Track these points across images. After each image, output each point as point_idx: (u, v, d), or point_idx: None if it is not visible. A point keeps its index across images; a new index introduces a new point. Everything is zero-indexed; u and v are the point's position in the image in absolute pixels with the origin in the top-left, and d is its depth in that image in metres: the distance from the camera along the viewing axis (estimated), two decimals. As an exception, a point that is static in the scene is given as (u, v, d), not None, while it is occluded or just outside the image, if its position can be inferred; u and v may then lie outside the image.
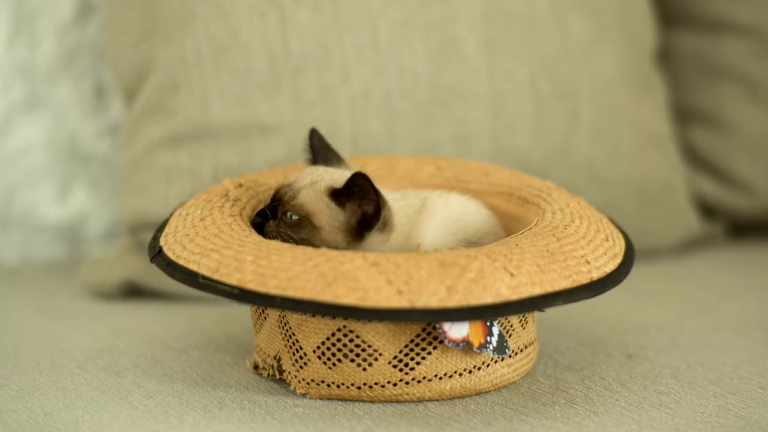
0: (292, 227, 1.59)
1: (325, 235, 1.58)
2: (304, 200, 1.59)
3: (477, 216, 1.65)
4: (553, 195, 1.70)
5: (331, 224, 1.59)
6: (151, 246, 1.61)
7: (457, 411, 1.49)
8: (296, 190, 1.61)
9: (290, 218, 1.59)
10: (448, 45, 2.16)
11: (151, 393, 1.56)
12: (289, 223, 1.59)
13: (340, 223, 1.59)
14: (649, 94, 2.35)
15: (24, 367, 1.68)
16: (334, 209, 1.59)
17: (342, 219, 1.59)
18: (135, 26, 2.12)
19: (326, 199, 1.59)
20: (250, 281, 1.44)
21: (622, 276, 1.55)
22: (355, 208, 1.58)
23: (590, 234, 1.58)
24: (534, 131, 2.21)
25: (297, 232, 1.58)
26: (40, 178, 2.38)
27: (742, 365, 1.66)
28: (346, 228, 1.59)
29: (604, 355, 1.70)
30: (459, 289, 1.41)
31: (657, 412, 1.49)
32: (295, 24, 2.09)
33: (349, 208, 1.59)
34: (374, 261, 1.43)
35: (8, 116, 2.35)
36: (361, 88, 2.12)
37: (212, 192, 1.69)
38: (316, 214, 1.59)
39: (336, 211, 1.59)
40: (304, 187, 1.61)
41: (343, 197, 1.58)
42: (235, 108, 2.08)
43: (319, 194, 1.59)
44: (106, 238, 2.44)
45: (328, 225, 1.59)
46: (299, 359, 1.53)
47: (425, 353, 1.49)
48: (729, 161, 2.46)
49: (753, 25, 2.43)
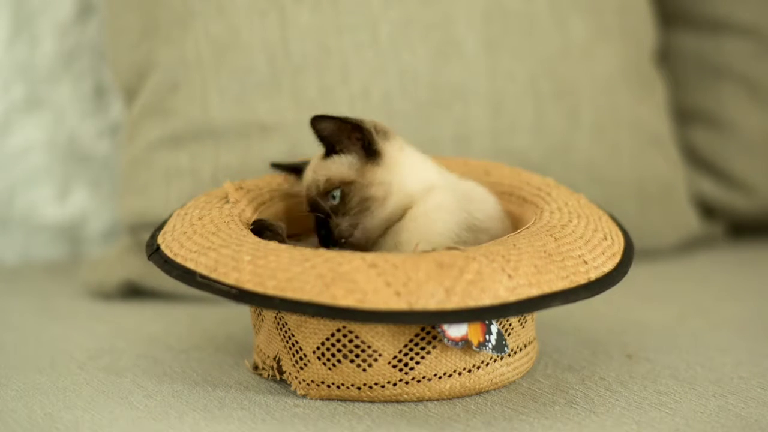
0: (344, 202, 1.61)
1: (364, 179, 1.62)
2: (325, 175, 1.63)
3: (484, 198, 1.68)
4: (552, 193, 1.70)
5: (356, 168, 1.62)
6: (149, 243, 1.61)
7: (457, 411, 1.49)
8: (314, 183, 1.64)
9: (334, 199, 1.62)
10: (448, 45, 2.16)
11: (151, 393, 1.56)
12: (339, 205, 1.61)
13: (357, 162, 1.63)
14: (649, 94, 2.35)
15: (24, 367, 1.68)
16: (341, 159, 1.63)
17: (354, 159, 1.63)
18: (135, 26, 2.12)
19: (330, 161, 1.63)
20: (248, 281, 1.44)
21: (620, 276, 1.55)
22: (348, 144, 1.63)
23: (588, 233, 1.58)
24: (534, 131, 2.21)
25: (351, 201, 1.61)
26: (40, 178, 2.38)
27: (742, 365, 1.66)
28: (364, 161, 1.63)
29: (604, 355, 1.70)
30: (457, 291, 1.41)
31: (657, 412, 1.49)
32: (295, 24, 2.09)
33: (345, 148, 1.63)
34: (372, 262, 1.43)
35: (8, 116, 2.35)
36: (361, 88, 2.12)
37: (212, 195, 1.69)
38: (340, 174, 1.62)
39: (345, 158, 1.63)
40: (313, 176, 1.65)
41: (332, 148, 1.63)
42: (235, 108, 2.09)
43: (323, 164, 1.64)
44: (106, 238, 2.44)
45: (354, 171, 1.62)
46: (299, 360, 1.53)
47: (425, 353, 1.49)
48: (729, 161, 2.46)
49: (753, 25, 2.43)
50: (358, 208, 1.61)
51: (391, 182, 1.62)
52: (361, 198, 1.61)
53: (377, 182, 1.62)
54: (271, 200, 1.74)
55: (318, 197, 1.63)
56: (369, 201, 1.61)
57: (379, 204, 1.62)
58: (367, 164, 1.62)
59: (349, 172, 1.62)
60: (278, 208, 1.74)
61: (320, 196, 1.63)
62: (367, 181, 1.62)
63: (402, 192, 1.63)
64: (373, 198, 1.61)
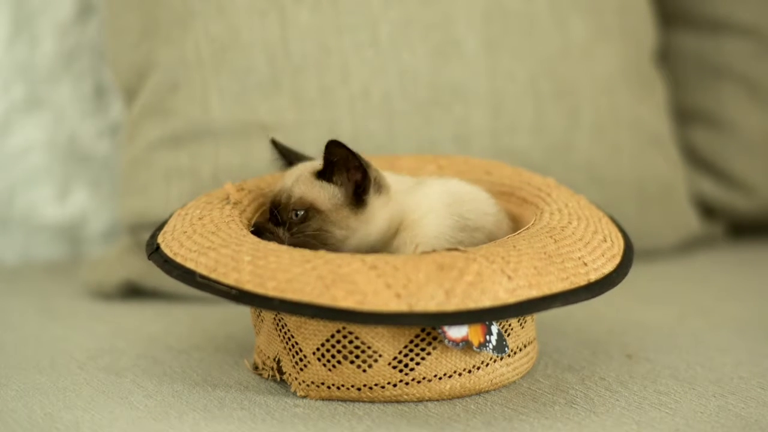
0: (302, 223, 1.59)
1: (333, 216, 1.59)
2: (302, 192, 1.61)
3: (474, 196, 1.67)
4: (552, 194, 1.70)
5: (333, 203, 1.60)
6: (149, 243, 1.61)
7: (457, 411, 1.49)
8: (288, 190, 1.62)
9: (296, 215, 1.60)
10: (448, 45, 2.16)
11: (151, 393, 1.56)
12: (297, 222, 1.60)
13: (339, 199, 1.60)
14: (649, 94, 2.35)
15: (24, 367, 1.68)
16: (327, 188, 1.61)
17: (339, 194, 1.61)
18: (135, 26, 2.12)
19: (317, 182, 1.61)
20: (248, 282, 1.44)
21: (620, 277, 1.55)
22: (344, 179, 1.61)
23: (588, 235, 1.58)
24: (534, 131, 2.21)
25: (308, 226, 1.59)
26: (40, 178, 2.38)
27: (742, 365, 1.66)
28: (346, 201, 1.60)
29: (604, 355, 1.70)
30: (457, 293, 1.41)
31: (657, 412, 1.49)
32: (295, 24, 2.09)
33: (339, 180, 1.61)
34: (372, 264, 1.43)
35: (8, 116, 2.35)
36: (361, 88, 2.12)
37: (213, 195, 1.69)
38: (316, 199, 1.60)
39: (331, 189, 1.61)
40: (293, 184, 1.62)
41: (329, 174, 1.61)
42: (235, 108, 2.08)
43: (309, 181, 1.62)
44: (106, 238, 2.44)
45: (330, 204, 1.60)
46: (299, 361, 1.53)
47: (425, 353, 1.49)
48: (729, 161, 2.46)
49: (753, 25, 2.43)
50: (311, 233, 1.59)
51: (356, 231, 1.60)
52: (320, 228, 1.59)
53: (343, 226, 1.60)
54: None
55: (282, 206, 1.61)
56: (327, 235, 1.60)
57: (335, 241, 1.60)
58: (347, 206, 1.60)
59: (324, 202, 1.60)
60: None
61: (284, 207, 1.61)
62: (335, 219, 1.60)
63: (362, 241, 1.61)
64: (333, 235, 1.60)
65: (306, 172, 1.63)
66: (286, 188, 1.63)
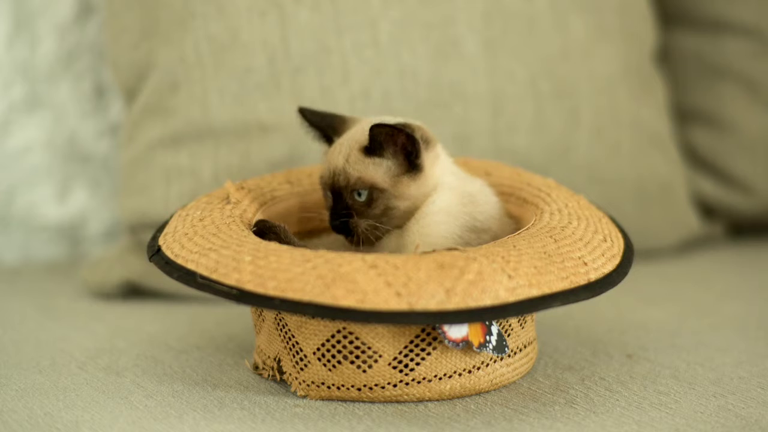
0: (369, 205, 1.60)
1: (396, 191, 1.60)
2: (359, 172, 1.61)
3: (487, 199, 1.68)
4: (552, 194, 1.70)
5: (392, 176, 1.60)
6: (150, 245, 1.61)
7: (457, 411, 1.49)
8: (343, 171, 1.61)
9: (359, 196, 1.60)
10: (448, 45, 2.16)
11: (151, 393, 1.56)
12: (363, 205, 1.60)
13: (394, 171, 1.61)
14: (649, 94, 2.35)
15: (24, 367, 1.68)
16: (380, 163, 1.61)
17: (392, 166, 1.61)
18: (135, 26, 2.12)
19: (368, 160, 1.61)
20: (249, 282, 1.44)
21: (620, 277, 1.55)
22: (393, 148, 1.60)
23: (588, 235, 1.58)
24: (534, 131, 2.21)
25: (375, 206, 1.60)
26: (40, 178, 2.38)
27: (742, 365, 1.66)
28: (401, 170, 1.60)
29: (604, 355, 1.70)
30: (458, 292, 1.41)
31: (657, 412, 1.49)
32: (295, 24, 2.09)
33: (389, 152, 1.60)
34: (373, 263, 1.43)
35: (8, 116, 2.35)
36: (361, 88, 2.12)
37: (214, 195, 1.69)
38: (374, 178, 1.60)
39: (384, 164, 1.61)
40: (344, 164, 1.62)
41: (377, 149, 1.60)
42: (235, 108, 2.08)
43: (360, 160, 1.61)
44: (106, 238, 2.44)
45: (390, 179, 1.60)
46: (299, 361, 1.53)
47: (425, 354, 1.49)
48: (729, 161, 2.46)
49: (753, 25, 2.43)
50: (381, 214, 1.61)
51: (418, 197, 1.62)
52: (386, 207, 1.61)
53: (407, 196, 1.61)
54: (272, 200, 1.74)
55: (343, 190, 1.62)
56: (393, 210, 1.61)
57: (401, 214, 1.62)
58: (404, 175, 1.61)
59: (383, 179, 1.60)
60: (280, 207, 1.74)
61: (345, 190, 1.62)
62: (398, 192, 1.60)
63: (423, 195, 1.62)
64: (398, 209, 1.61)
65: (353, 151, 1.62)
66: (340, 169, 1.62)
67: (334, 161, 1.63)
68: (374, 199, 1.60)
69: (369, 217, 1.61)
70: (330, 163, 1.64)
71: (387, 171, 1.61)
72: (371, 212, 1.61)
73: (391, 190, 1.60)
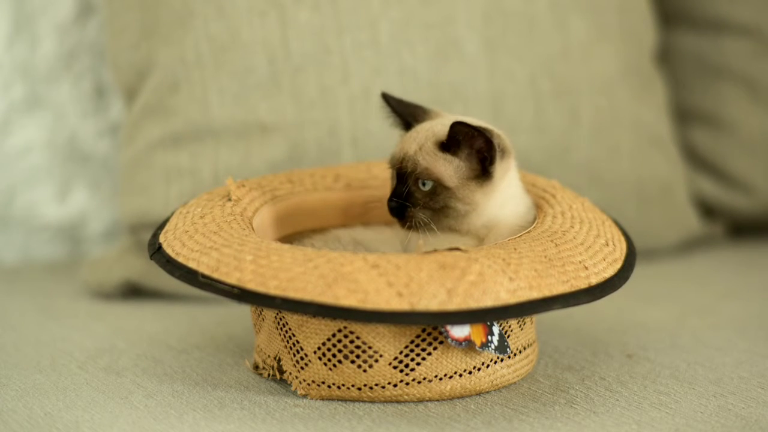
0: (430, 197, 1.60)
1: (460, 193, 1.60)
2: (427, 164, 1.60)
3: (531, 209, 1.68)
4: (557, 197, 1.69)
5: (460, 177, 1.60)
6: (151, 243, 1.60)
7: (457, 411, 1.49)
8: (412, 158, 1.61)
9: (423, 186, 1.60)
10: (448, 45, 2.16)
11: (151, 393, 1.56)
12: (425, 195, 1.60)
13: (464, 173, 1.60)
14: (649, 94, 2.35)
15: (24, 367, 1.68)
16: (452, 161, 1.60)
17: (463, 167, 1.60)
18: (135, 26, 2.12)
19: (441, 155, 1.60)
20: (250, 281, 1.44)
21: (621, 281, 1.55)
22: (469, 150, 1.59)
23: (589, 239, 1.58)
24: (534, 131, 2.22)
25: (435, 200, 1.60)
26: (40, 178, 2.38)
27: (742, 365, 1.66)
28: (472, 174, 1.60)
29: (604, 355, 1.70)
30: (459, 292, 1.41)
31: (657, 412, 1.49)
32: (295, 24, 2.10)
33: (463, 153, 1.60)
34: (374, 263, 1.43)
35: (8, 116, 2.35)
36: (361, 88, 2.12)
37: (215, 193, 1.69)
38: (442, 174, 1.60)
39: (455, 162, 1.60)
40: (416, 153, 1.61)
41: (453, 147, 1.59)
42: (235, 108, 2.09)
43: (433, 153, 1.61)
44: (106, 238, 2.44)
45: (457, 179, 1.60)
46: (300, 360, 1.53)
47: (425, 354, 1.49)
48: (729, 161, 2.46)
49: (753, 25, 2.43)
50: (439, 210, 1.61)
51: (480, 204, 1.61)
52: (446, 204, 1.60)
53: (469, 200, 1.60)
54: (273, 198, 1.73)
55: (408, 175, 1.61)
56: (451, 210, 1.61)
57: (457, 217, 1.61)
58: (473, 180, 1.60)
59: (451, 177, 1.60)
60: (280, 207, 1.74)
61: (410, 176, 1.61)
62: (462, 195, 1.60)
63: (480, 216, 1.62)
64: (457, 211, 1.61)
65: (428, 142, 1.61)
66: (410, 156, 1.62)
67: (407, 145, 1.63)
68: (437, 193, 1.60)
69: (427, 208, 1.60)
70: (402, 146, 1.64)
71: (456, 170, 1.60)
72: (430, 204, 1.60)
73: (455, 190, 1.60)
